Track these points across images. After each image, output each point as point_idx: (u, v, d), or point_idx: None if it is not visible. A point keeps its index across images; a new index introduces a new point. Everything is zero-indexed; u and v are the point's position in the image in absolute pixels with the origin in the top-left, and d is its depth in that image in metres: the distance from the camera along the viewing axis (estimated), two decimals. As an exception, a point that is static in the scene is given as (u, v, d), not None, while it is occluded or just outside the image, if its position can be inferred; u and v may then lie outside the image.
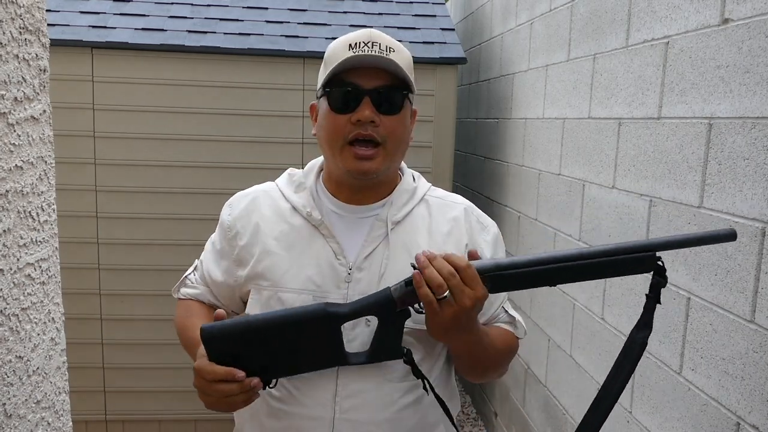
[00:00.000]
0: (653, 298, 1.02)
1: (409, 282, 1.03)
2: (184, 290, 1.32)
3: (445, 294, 0.97)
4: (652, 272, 1.02)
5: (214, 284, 1.27)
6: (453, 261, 0.99)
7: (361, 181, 1.16)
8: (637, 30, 1.92)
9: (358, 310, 1.05)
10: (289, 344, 1.03)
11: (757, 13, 1.39)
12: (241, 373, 0.98)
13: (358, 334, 1.11)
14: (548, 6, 2.67)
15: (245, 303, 1.22)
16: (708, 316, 1.54)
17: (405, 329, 1.09)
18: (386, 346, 1.06)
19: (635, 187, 1.91)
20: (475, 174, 3.88)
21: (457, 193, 1.35)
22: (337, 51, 1.12)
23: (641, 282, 1.86)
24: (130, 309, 3.04)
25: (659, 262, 1.01)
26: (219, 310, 1.02)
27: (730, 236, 1.02)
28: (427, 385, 1.09)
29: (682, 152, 1.67)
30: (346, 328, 1.09)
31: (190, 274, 1.34)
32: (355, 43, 1.10)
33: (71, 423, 0.91)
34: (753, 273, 1.39)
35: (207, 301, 1.30)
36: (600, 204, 2.15)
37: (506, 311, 1.27)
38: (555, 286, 1.05)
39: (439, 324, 1.01)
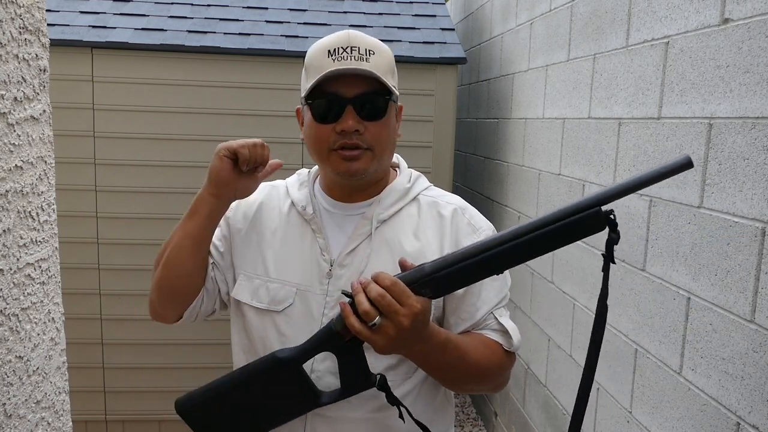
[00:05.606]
0: (608, 257, 0.91)
1: None
2: None
3: (374, 321, 0.92)
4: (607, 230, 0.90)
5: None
6: (380, 281, 0.93)
7: (352, 182, 1.17)
8: (637, 30, 1.92)
9: (308, 351, 1.02)
10: (260, 397, 1.03)
11: (757, 13, 1.39)
12: None
13: (328, 367, 1.10)
14: (548, 6, 2.67)
15: (221, 283, 1.24)
16: (708, 316, 1.54)
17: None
18: (355, 378, 1.02)
19: (635, 187, 1.91)
20: (475, 174, 3.88)
21: (457, 193, 1.34)
22: (317, 58, 1.11)
23: (642, 281, 1.86)
24: (130, 309, 3.04)
25: (611, 216, 0.90)
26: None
27: (686, 165, 0.90)
28: (403, 412, 1.04)
29: (682, 152, 1.66)
30: (315, 360, 1.09)
31: None
32: (334, 50, 1.09)
33: (71, 423, 0.91)
34: (753, 273, 1.39)
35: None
36: (600, 204, 2.15)
37: (496, 318, 1.16)
38: (505, 270, 0.95)
39: (382, 347, 0.95)
